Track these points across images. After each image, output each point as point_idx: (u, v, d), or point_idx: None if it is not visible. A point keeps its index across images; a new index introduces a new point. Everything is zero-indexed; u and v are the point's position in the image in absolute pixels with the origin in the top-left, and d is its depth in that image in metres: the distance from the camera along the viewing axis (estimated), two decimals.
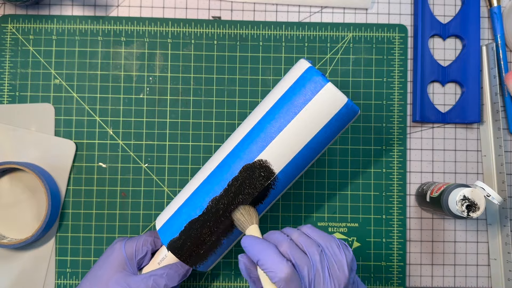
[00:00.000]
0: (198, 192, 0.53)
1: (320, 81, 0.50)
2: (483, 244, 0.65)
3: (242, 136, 0.53)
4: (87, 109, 0.64)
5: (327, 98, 0.50)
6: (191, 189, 0.54)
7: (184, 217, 0.53)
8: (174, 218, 0.54)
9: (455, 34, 0.66)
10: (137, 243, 0.56)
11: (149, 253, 0.56)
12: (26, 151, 0.63)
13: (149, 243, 0.56)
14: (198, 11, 0.66)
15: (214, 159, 0.55)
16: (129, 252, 0.55)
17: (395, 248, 0.64)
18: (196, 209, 0.53)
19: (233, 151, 0.53)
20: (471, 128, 0.66)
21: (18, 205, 0.62)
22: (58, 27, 0.64)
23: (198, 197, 0.53)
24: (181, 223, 0.53)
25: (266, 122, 0.52)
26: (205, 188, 0.53)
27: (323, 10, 0.66)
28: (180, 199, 0.55)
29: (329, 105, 0.51)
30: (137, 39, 0.65)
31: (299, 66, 0.53)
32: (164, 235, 0.54)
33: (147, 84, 0.65)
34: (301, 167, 0.54)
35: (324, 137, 0.52)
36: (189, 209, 0.53)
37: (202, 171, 0.55)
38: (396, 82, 0.65)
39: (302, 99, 0.51)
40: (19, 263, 0.62)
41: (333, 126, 0.52)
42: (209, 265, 0.55)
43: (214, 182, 0.53)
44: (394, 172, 0.65)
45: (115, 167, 0.64)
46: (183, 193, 0.55)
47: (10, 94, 0.64)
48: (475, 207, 0.54)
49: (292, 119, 0.51)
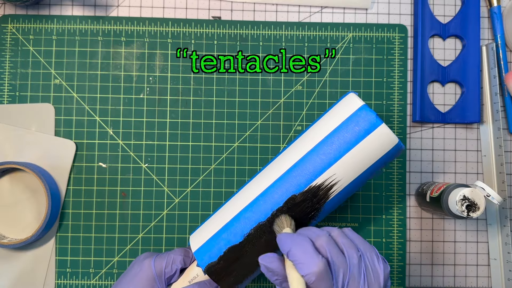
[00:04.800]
0: (239, 217, 0.53)
1: (374, 121, 0.50)
2: (483, 244, 0.65)
3: (289, 166, 0.53)
4: (87, 109, 0.64)
5: (380, 139, 0.51)
6: (231, 213, 0.54)
7: (224, 243, 0.53)
8: (213, 242, 0.53)
9: (455, 34, 0.66)
10: (166, 260, 0.55)
11: (178, 270, 0.55)
12: (26, 151, 0.63)
13: (178, 262, 0.55)
14: (198, 11, 0.66)
15: (257, 183, 0.54)
16: (158, 270, 0.54)
17: (395, 248, 0.64)
18: (237, 236, 0.52)
19: (279, 180, 0.52)
20: (471, 128, 0.66)
21: (18, 205, 0.62)
22: (58, 27, 0.65)
23: (240, 223, 0.53)
24: (220, 249, 0.52)
25: (315, 156, 0.52)
26: (248, 214, 0.53)
27: (323, 10, 0.66)
28: (219, 221, 0.54)
29: (381, 146, 0.51)
30: (137, 39, 0.65)
31: (350, 101, 0.53)
32: (201, 258, 0.53)
33: (147, 84, 0.65)
34: (341, 201, 0.54)
35: (369, 175, 0.53)
36: (229, 234, 0.53)
37: (244, 194, 0.54)
38: (396, 82, 0.65)
39: (354, 137, 0.51)
40: (19, 263, 0.62)
41: (380, 165, 0.52)
42: (243, 286, 0.55)
43: (257, 210, 0.52)
44: (394, 172, 0.65)
45: (115, 167, 0.64)
46: (223, 215, 0.55)
47: (10, 94, 0.64)
48: (475, 207, 0.54)
49: (342, 156, 0.51)
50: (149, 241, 0.63)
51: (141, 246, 0.63)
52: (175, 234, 0.64)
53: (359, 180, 0.52)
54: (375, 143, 0.51)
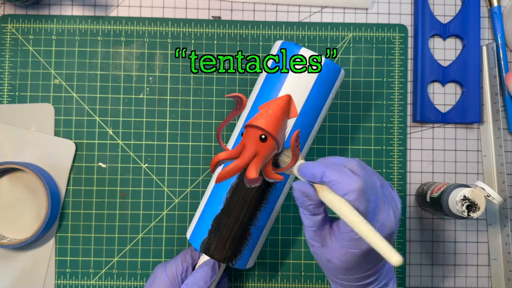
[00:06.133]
0: (214, 189, 0.55)
1: (295, 49, 0.52)
2: (483, 244, 0.65)
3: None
4: (87, 109, 0.64)
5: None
6: (208, 192, 0.56)
7: (208, 216, 0.54)
8: (200, 221, 0.55)
9: (455, 34, 0.66)
10: (176, 262, 0.56)
11: (189, 267, 0.56)
12: (26, 151, 0.63)
13: (187, 259, 0.56)
14: (198, 11, 0.66)
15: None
16: (170, 274, 0.55)
17: (395, 248, 0.64)
18: (217, 205, 0.54)
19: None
20: (471, 128, 0.66)
21: (18, 205, 0.62)
22: (58, 27, 0.64)
23: (215, 193, 0.54)
24: (207, 223, 0.54)
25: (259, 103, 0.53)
26: (220, 185, 0.54)
27: (323, 10, 0.66)
28: (201, 204, 0.56)
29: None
30: (137, 39, 0.65)
31: (275, 47, 0.55)
32: (195, 240, 0.55)
33: (147, 84, 0.64)
34: (305, 130, 0.54)
35: (315, 100, 0.53)
36: (211, 207, 0.54)
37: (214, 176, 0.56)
38: (396, 82, 0.65)
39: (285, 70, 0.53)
40: (19, 263, 0.62)
41: (320, 88, 0.53)
42: (245, 260, 0.55)
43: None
44: (394, 172, 0.65)
45: (115, 167, 0.64)
46: (203, 199, 0.57)
47: (10, 94, 0.64)
48: (475, 207, 0.54)
49: (280, 90, 0.52)
50: (149, 241, 0.63)
51: (141, 246, 0.63)
52: (175, 234, 0.64)
53: (305, 111, 0.52)
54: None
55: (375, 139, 0.65)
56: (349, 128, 0.65)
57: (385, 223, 0.42)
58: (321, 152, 0.64)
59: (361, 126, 0.65)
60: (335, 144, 0.64)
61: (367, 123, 0.65)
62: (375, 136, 0.65)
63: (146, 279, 0.63)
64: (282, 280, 0.64)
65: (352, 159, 0.44)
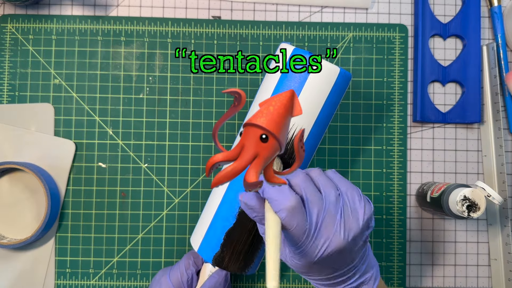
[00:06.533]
0: (224, 202, 0.54)
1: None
2: (484, 244, 0.65)
3: None
4: (87, 109, 0.64)
5: (322, 74, 0.51)
6: (216, 203, 0.55)
7: (219, 230, 0.53)
8: (210, 234, 0.54)
9: (455, 34, 0.66)
10: (180, 269, 0.56)
11: (194, 274, 0.56)
12: (26, 151, 0.62)
13: (191, 266, 0.56)
14: (198, 11, 0.65)
15: None
16: (175, 282, 0.55)
17: (396, 249, 0.64)
18: (228, 219, 0.53)
19: None
20: (472, 128, 0.66)
21: (17, 205, 0.62)
22: (58, 27, 0.64)
23: (227, 207, 0.53)
24: (219, 237, 0.53)
25: None
26: (229, 195, 0.53)
27: (323, 10, 0.66)
28: (208, 215, 0.55)
29: (326, 79, 0.52)
30: (137, 39, 0.65)
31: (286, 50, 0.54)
32: (205, 253, 0.54)
33: (147, 84, 0.64)
34: (312, 150, 0.54)
35: (327, 113, 0.53)
36: (222, 220, 0.53)
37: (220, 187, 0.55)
38: (397, 82, 0.65)
39: (299, 79, 0.52)
40: (19, 263, 0.62)
41: (333, 98, 0.53)
42: (256, 266, 0.55)
43: (234, 186, 0.53)
44: (394, 172, 0.65)
45: (115, 167, 0.64)
46: (209, 209, 0.56)
47: (10, 94, 0.64)
48: (475, 207, 0.54)
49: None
50: (149, 241, 0.63)
51: (141, 246, 0.63)
52: (175, 234, 0.63)
53: (320, 121, 0.52)
54: (318, 79, 0.51)
55: (375, 139, 0.65)
56: (349, 128, 0.65)
57: (331, 238, 0.42)
58: (321, 152, 0.64)
59: (361, 126, 0.65)
60: (335, 144, 0.64)
61: (367, 123, 0.65)
62: (375, 136, 0.65)
63: (146, 279, 0.63)
64: (282, 280, 0.64)
65: (303, 172, 0.44)
